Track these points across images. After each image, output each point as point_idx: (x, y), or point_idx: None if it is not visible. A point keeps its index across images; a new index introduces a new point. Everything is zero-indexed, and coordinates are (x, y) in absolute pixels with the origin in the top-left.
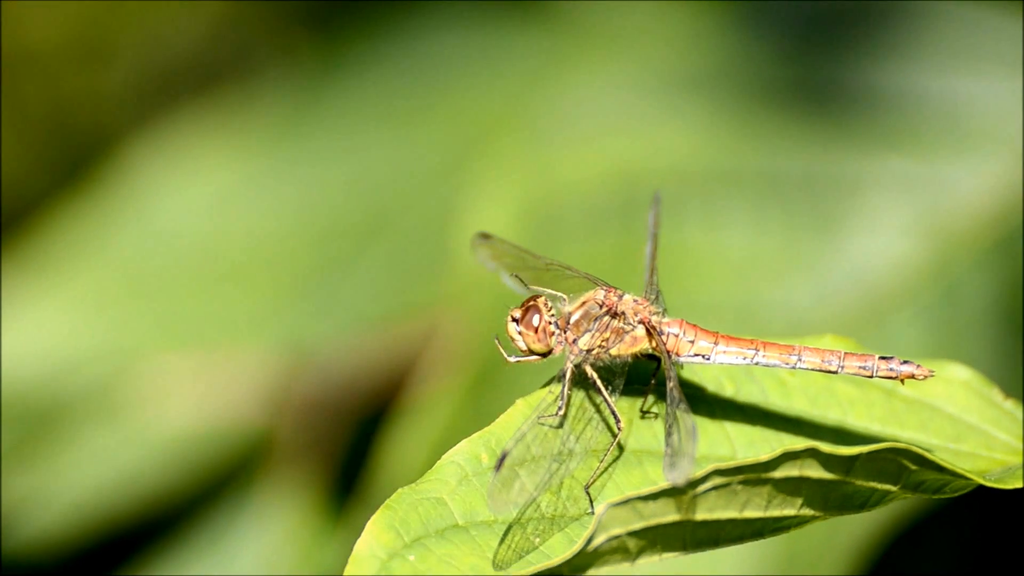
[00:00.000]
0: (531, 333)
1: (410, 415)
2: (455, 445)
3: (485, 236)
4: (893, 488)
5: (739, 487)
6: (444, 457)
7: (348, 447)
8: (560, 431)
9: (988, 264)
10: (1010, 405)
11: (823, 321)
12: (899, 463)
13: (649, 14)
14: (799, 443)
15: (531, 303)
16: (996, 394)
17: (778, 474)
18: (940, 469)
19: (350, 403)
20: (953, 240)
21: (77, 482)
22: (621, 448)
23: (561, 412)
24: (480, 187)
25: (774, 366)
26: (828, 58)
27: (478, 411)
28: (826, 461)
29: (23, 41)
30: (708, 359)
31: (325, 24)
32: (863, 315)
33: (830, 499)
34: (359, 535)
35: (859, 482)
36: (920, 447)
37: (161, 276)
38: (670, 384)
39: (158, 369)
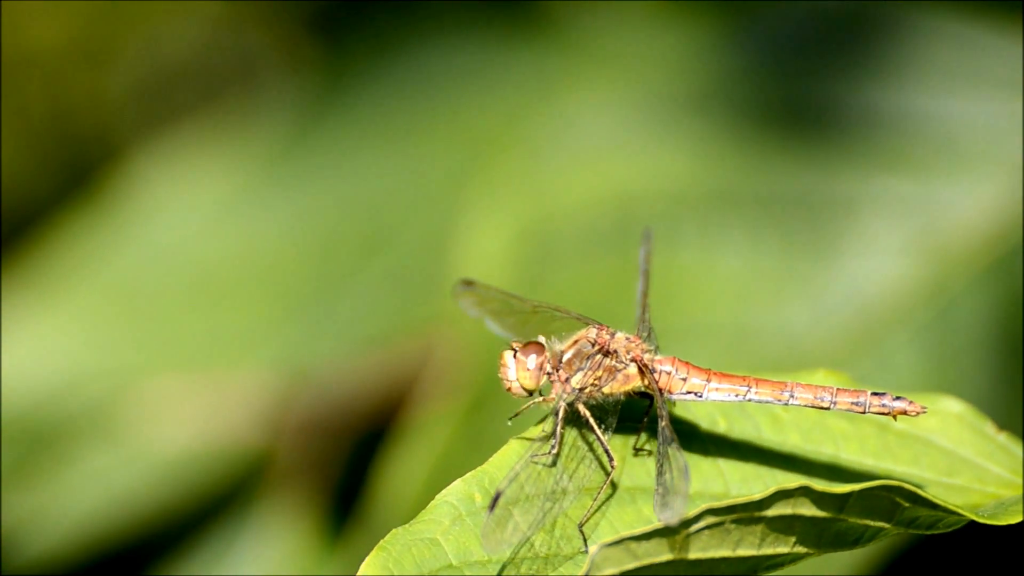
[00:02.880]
0: (523, 371)
1: (407, 438)
2: (450, 474)
3: (468, 283)
4: (886, 525)
5: (732, 526)
6: (438, 497)
7: (346, 467)
8: (553, 470)
9: (985, 285)
10: (1003, 438)
11: (819, 343)
12: (892, 500)
13: (645, 36)
14: (792, 479)
15: (535, 341)
16: (989, 427)
17: (771, 512)
18: (933, 506)
19: (348, 423)
20: (949, 261)
21: (76, 503)
22: (614, 486)
23: (554, 451)
24: (477, 209)
25: (767, 403)
26: (824, 79)
27: (475, 435)
28: (819, 499)
29: (23, 44)
30: (701, 396)
31: (325, 42)
32: (859, 336)
33: (823, 536)
34: (356, 562)
35: (852, 519)
36: (913, 482)
37: (159, 294)
38: (662, 423)
39: (156, 389)
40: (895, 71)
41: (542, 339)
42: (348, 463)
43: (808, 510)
